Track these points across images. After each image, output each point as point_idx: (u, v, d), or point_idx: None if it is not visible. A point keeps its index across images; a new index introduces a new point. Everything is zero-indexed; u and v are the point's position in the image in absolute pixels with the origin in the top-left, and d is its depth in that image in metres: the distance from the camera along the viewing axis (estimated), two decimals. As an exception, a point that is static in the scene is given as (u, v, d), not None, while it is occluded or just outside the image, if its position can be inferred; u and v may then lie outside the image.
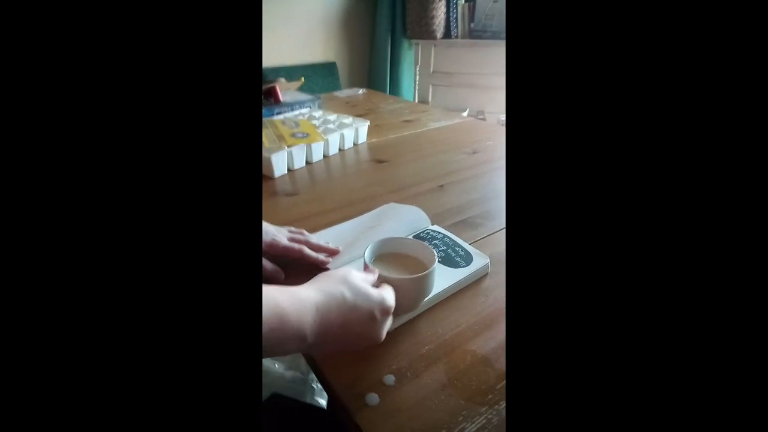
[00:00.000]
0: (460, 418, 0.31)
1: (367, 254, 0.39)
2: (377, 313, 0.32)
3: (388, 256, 0.42)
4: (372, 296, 0.32)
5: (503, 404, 0.32)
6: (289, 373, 0.61)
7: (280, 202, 0.66)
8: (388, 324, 0.34)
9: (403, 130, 1.02)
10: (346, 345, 0.33)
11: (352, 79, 2.19)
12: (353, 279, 0.33)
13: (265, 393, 0.52)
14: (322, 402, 0.49)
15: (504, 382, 0.33)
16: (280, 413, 0.50)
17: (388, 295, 0.34)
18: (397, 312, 0.36)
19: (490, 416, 0.31)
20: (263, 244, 0.48)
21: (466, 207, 0.63)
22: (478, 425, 0.30)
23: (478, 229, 0.56)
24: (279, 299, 0.28)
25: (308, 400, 0.55)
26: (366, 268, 0.38)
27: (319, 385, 0.39)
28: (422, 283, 0.38)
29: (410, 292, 0.38)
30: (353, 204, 0.63)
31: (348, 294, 0.31)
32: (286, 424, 0.49)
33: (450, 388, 0.33)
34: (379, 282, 0.36)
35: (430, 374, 0.34)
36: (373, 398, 0.32)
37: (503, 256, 0.49)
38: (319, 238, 0.51)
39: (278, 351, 0.29)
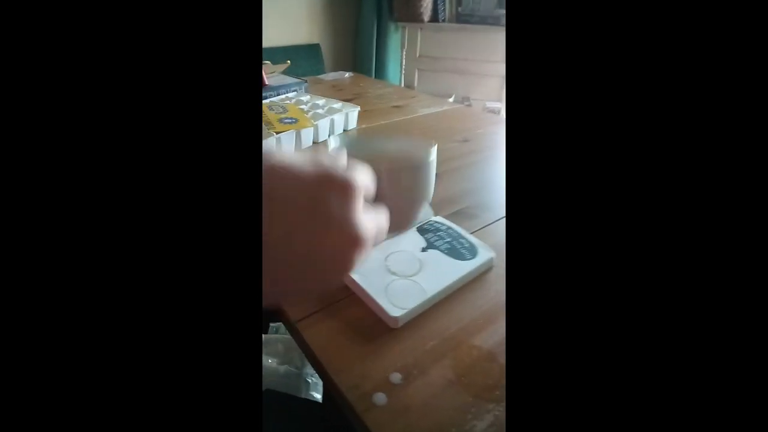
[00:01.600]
0: (469, 416, 0.30)
1: (332, 144, 0.27)
2: (326, 191, 0.17)
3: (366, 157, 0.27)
4: (305, 174, 0.18)
5: (511, 400, 0.31)
6: (282, 368, 0.60)
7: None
8: (375, 220, 0.20)
9: (393, 116, 1.00)
10: (312, 270, 0.18)
11: (336, 62, 2.13)
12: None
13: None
14: (318, 396, 0.48)
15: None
16: (275, 410, 0.49)
17: (332, 161, 0.19)
18: (397, 221, 0.24)
19: (497, 413, 0.31)
20: None
21: (462, 197, 0.62)
22: (487, 422, 0.30)
23: (474, 219, 0.56)
24: None
25: (303, 395, 0.54)
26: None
27: (314, 379, 0.38)
28: (418, 177, 0.26)
29: (408, 186, 0.27)
30: (346, 193, 0.61)
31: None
32: (282, 421, 0.48)
33: (457, 385, 0.33)
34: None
35: (436, 371, 0.34)
36: (381, 398, 0.31)
37: (501, 248, 0.48)
38: None
39: None
